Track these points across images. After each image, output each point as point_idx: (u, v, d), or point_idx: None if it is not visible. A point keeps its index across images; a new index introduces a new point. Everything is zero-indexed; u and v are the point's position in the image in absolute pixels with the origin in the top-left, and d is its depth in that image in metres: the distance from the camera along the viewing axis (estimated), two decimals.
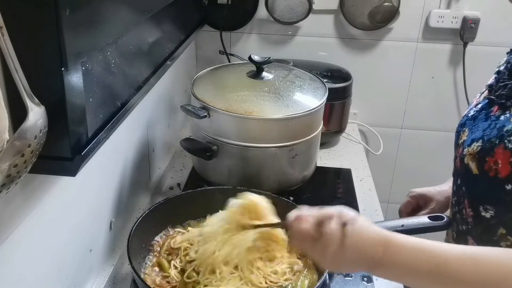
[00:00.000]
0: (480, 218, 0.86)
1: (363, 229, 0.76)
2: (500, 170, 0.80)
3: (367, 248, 0.74)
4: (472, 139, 0.88)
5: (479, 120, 0.89)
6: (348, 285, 1.09)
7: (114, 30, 0.81)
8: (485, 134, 0.85)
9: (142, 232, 1.03)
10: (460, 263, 0.71)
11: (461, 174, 0.91)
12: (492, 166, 0.81)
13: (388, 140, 1.89)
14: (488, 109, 0.88)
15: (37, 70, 0.62)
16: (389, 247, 0.74)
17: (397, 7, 1.70)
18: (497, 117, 0.85)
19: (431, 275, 0.72)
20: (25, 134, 0.56)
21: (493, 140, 0.82)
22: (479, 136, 0.86)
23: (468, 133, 0.90)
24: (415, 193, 1.15)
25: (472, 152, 0.86)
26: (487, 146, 0.83)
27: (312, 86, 1.33)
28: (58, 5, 0.59)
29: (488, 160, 0.82)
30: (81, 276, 0.98)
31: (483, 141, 0.84)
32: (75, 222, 0.92)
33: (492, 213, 0.84)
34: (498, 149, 0.80)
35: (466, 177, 0.89)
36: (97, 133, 0.80)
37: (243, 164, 1.22)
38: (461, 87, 1.82)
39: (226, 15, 1.73)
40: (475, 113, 0.92)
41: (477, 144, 0.85)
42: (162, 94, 1.45)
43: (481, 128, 0.87)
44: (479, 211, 0.86)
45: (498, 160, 0.80)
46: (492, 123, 0.85)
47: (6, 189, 0.57)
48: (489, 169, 0.82)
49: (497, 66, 0.96)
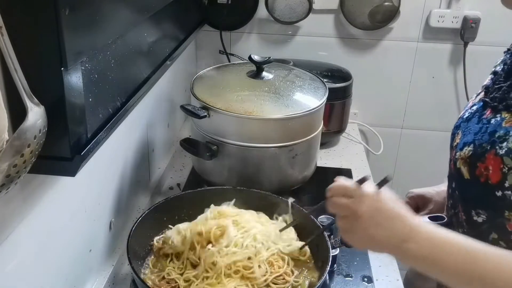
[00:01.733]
0: (473, 222, 0.85)
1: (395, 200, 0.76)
2: (490, 176, 0.79)
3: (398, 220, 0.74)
4: (464, 143, 0.87)
5: (471, 123, 0.88)
6: (349, 285, 1.09)
7: (114, 30, 0.81)
8: (476, 138, 0.84)
9: (142, 233, 1.03)
10: (498, 266, 0.69)
11: (454, 178, 0.91)
12: (483, 172, 0.80)
13: (388, 140, 1.89)
14: (482, 112, 0.87)
15: (36, 70, 0.62)
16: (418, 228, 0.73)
17: (397, 7, 1.70)
18: (488, 120, 0.84)
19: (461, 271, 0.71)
20: (25, 134, 0.56)
21: (484, 146, 0.81)
22: (470, 140, 0.85)
23: (461, 136, 0.89)
24: (414, 194, 1.13)
25: (463, 156, 0.85)
26: (478, 151, 0.82)
27: (312, 86, 1.33)
28: (57, 5, 0.59)
29: (479, 166, 0.81)
30: (81, 276, 0.98)
31: (475, 146, 0.83)
32: (74, 222, 0.92)
33: (484, 217, 0.83)
34: (489, 155, 0.80)
35: (458, 181, 0.89)
36: (96, 133, 0.80)
37: (243, 164, 1.21)
38: (461, 87, 1.81)
39: (226, 15, 1.73)
40: (469, 115, 0.91)
41: (469, 148, 0.84)
42: (162, 94, 1.45)
43: (472, 131, 0.86)
44: (472, 216, 0.85)
45: (489, 166, 0.79)
46: (483, 127, 0.84)
47: (6, 189, 0.57)
48: (480, 175, 0.81)
49: (494, 66, 0.95)
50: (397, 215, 0.75)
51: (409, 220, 0.75)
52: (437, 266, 0.73)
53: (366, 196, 0.76)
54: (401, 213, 0.75)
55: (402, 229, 0.74)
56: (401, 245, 0.74)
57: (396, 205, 0.76)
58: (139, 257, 1.01)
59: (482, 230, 0.84)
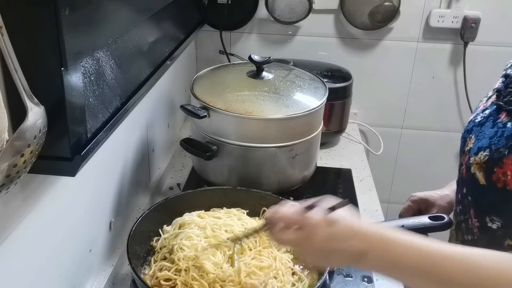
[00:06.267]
0: (486, 228, 0.84)
1: (347, 217, 0.74)
2: (509, 181, 0.77)
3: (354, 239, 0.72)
4: (478, 147, 0.84)
5: (485, 127, 0.86)
6: (349, 285, 1.09)
7: (113, 30, 0.81)
8: (492, 142, 0.82)
9: (142, 233, 1.03)
10: (452, 263, 0.68)
11: (467, 183, 0.88)
12: (501, 177, 0.78)
13: (388, 140, 1.89)
14: (496, 116, 0.85)
15: (36, 70, 0.62)
16: (375, 239, 0.72)
17: (397, 7, 1.70)
18: (504, 124, 0.82)
19: (420, 272, 0.69)
20: (25, 134, 0.56)
21: (501, 150, 0.79)
22: (486, 144, 0.83)
23: (475, 141, 0.87)
24: (417, 197, 1.12)
25: (479, 161, 0.83)
26: (495, 156, 0.80)
27: (312, 86, 1.33)
28: (57, 4, 0.59)
29: (497, 171, 0.79)
30: (81, 277, 0.98)
31: (491, 151, 0.81)
32: (74, 222, 0.92)
33: (499, 224, 0.81)
34: (507, 159, 0.78)
35: (472, 187, 0.87)
36: (96, 133, 0.80)
37: (243, 164, 1.21)
38: (461, 87, 1.81)
39: (226, 14, 1.73)
40: (482, 119, 0.89)
41: (484, 153, 0.82)
42: (162, 94, 1.45)
43: (487, 135, 0.84)
44: (485, 222, 0.83)
45: (507, 172, 0.77)
46: (499, 131, 0.82)
47: (6, 189, 0.56)
48: (497, 180, 0.79)
49: (504, 69, 0.92)
50: (352, 234, 0.73)
51: (364, 233, 0.73)
52: (398, 270, 0.72)
53: (316, 225, 0.74)
54: (354, 229, 0.73)
55: (358, 245, 0.72)
56: (360, 259, 0.72)
57: (348, 222, 0.74)
58: (139, 257, 1.01)
59: (496, 236, 0.82)
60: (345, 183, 1.48)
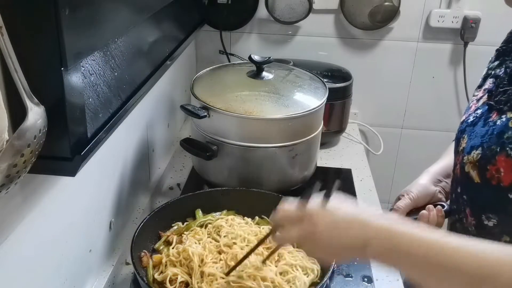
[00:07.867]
0: (483, 226, 0.84)
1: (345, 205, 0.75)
2: (503, 178, 0.78)
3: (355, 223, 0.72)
4: (471, 146, 0.86)
5: (477, 127, 0.87)
6: (349, 285, 1.09)
7: (113, 30, 0.81)
8: (484, 141, 0.83)
9: (144, 237, 1.04)
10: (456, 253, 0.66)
11: (461, 182, 0.89)
12: (494, 174, 0.79)
13: (388, 140, 1.89)
14: (487, 115, 0.86)
15: (36, 70, 0.62)
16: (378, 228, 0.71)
17: (397, 7, 1.70)
18: (494, 122, 0.83)
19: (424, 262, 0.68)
20: (25, 134, 0.56)
21: (493, 148, 0.80)
22: (478, 143, 0.84)
23: (467, 140, 0.88)
24: (414, 194, 1.12)
25: (472, 160, 0.84)
26: (487, 154, 0.81)
27: (312, 86, 1.33)
28: (57, 5, 0.59)
29: (490, 168, 0.80)
30: (81, 277, 0.97)
31: (483, 149, 0.82)
32: (74, 222, 0.92)
33: (495, 221, 0.82)
34: (499, 157, 0.78)
35: (467, 186, 0.87)
36: (96, 133, 0.80)
37: (243, 164, 1.21)
38: (461, 87, 1.81)
39: (226, 15, 1.73)
40: (474, 119, 0.90)
41: (477, 151, 0.83)
42: (162, 94, 1.45)
43: (479, 134, 0.85)
44: (482, 220, 0.84)
45: (501, 168, 0.78)
46: (490, 129, 0.83)
47: (6, 189, 0.56)
48: (491, 178, 0.80)
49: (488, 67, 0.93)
50: (353, 219, 0.73)
51: (365, 218, 0.73)
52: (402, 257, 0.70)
53: (316, 214, 0.74)
54: (355, 214, 0.74)
55: (361, 230, 0.72)
56: (365, 244, 0.71)
57: (347, 208, 0.75)
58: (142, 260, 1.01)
59: (493, 234, 0.82)
60: (345, 183, 1.48)
